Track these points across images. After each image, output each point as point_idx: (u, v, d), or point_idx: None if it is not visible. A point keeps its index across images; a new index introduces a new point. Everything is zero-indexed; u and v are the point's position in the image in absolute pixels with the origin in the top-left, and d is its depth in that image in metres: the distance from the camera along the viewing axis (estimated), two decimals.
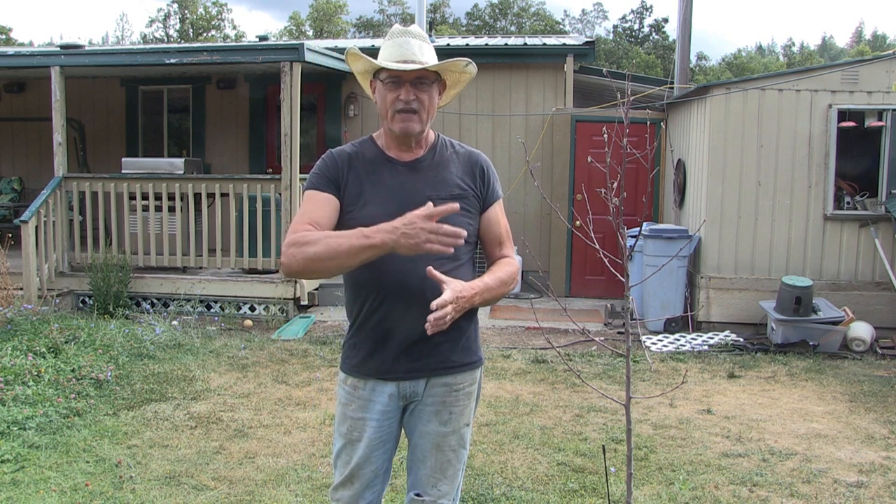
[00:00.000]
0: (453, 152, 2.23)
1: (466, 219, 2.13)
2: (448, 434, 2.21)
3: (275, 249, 7.72)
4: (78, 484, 3.70)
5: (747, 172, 7.31)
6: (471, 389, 2.25)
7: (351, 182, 2.15)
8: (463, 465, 2.29)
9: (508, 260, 2.21)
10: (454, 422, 2.22)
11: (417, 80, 2.10)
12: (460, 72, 2.20)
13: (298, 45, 7.48)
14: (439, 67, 2.14)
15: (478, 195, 2.19)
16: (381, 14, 49.49)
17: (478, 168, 2.21)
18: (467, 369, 2.22)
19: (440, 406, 2.19)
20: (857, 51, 48.65)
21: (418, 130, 2.12)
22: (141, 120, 10.70)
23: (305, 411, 4.87)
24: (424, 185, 2.13)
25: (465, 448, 2.27)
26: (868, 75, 7.19)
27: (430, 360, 2.15)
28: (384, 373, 2.15)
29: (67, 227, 8.02)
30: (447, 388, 2.19)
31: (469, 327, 2.21)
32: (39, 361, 5.35)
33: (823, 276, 7.27)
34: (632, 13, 50.84)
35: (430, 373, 2.16)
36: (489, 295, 2.10)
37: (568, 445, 4.32)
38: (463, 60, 2.18)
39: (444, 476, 2.24)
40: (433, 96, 2.15)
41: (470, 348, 2.23)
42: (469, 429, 2.28)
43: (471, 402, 2.27)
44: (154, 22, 49.02)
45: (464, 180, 2.18)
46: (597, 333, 7.28)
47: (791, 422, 4.84)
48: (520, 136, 9.38)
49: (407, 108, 2.09)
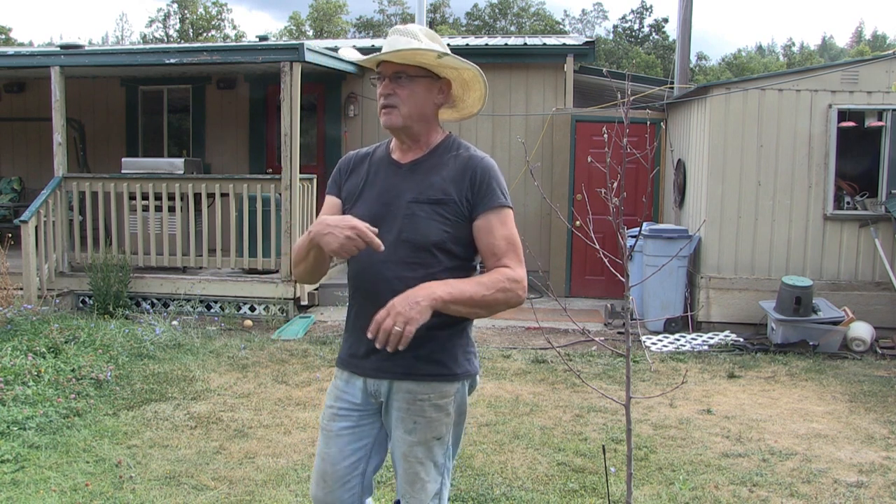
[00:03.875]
0: (453, 156, 2.14)
1: (442, 225, 2.05)
2: (413, 444, 2.12)
3: (275, 249, 7.72)
4: (78, 484, 3.70)
5: (747, 172, 7.31)
6: (441, 402, 2.11)
7: (351, 182, 2.22)
8: (438, 477, 2.15)
9: (501, 269, 2.04)
10: (419, 432, 2.11)
11: (395, 74, 2.09)
12: (436, 65, 2.10)
13: (298, 45, 7.48)
14: (401, 56, 2.05)
15: (462, 202, 2.07)
16: (381, 14, 49.53)
17: (469, 174, 2.09)
18: (434, 380, 2.10)
19: (405, 413, 2.12)
20: (857, 51, 48.66)
21: (399, 125, 2.10)
22: (141, 120, 10.70)
23: (305, 411, 4.88)
24: (411, 187, 2.11)
25: (433, 463, 2.13)
26: (868, 75, 7.20)
27: (394, 363, 2.09)
28: (355, 367, 2.19)
29: (67, 227, 8.02)
30: (411, 395, 2.11)
31: (441, 336, 2.09)
32: (39, 361, 5.35)
33: (823, 276, 7.27)
34: (632, 13, 50.88)
35: (392, 375, 2.12)
36: (460, 294, 1.96)
37: (568, 445, 4.32)
38: (434, 52, 2.03)
39: (412, 490, 2.14)
40: (416, 92, 2.10)
41: (440, 360, 2.10)
42: (441, 444, 2.14)
43: (442, 416, 2.12)
44: (154, 22, 49.08)
45: (449, 186, 2.08)
46: (597, 333, 7.28)
47: (791, 422, 4.84)
48: (520, 136, 9.38)
49: (385, 104, 2.10)
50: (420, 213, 2.06)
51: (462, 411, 2.20)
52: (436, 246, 2.04)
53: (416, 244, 2.05)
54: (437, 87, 2.15)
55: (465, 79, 2.19)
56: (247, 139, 10.35)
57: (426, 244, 2.04)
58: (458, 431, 2.22)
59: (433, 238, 2.05)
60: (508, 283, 2.02)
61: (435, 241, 2.05)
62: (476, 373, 2.23)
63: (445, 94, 2.17)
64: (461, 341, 2.15)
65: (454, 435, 2.20)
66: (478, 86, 2.22)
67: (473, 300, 1.98)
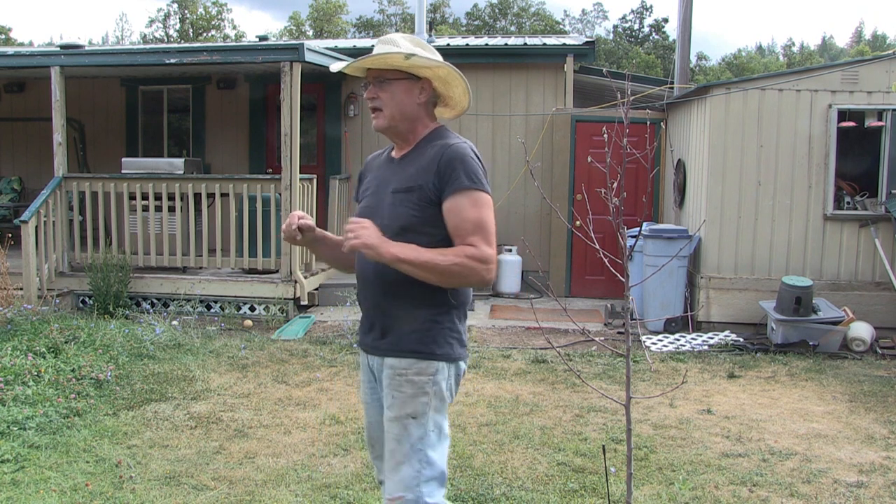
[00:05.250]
0: (431, 146, 2.27)
1: (411, 210, 2.21)
2: (390, 420, 2.25)
3: (275, 249, 7.72)
4: (78, 484, 3.70)
5: (747, 172, 7.31)
6: (416, 379, 2.22)
7: (365, 181, 2.47)
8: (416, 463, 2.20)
9: (465, 246, 2.15)
10: (395, 408, 2.24)
11: (377, 79, 2.28)
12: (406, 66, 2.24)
13: (298, 45, 7.48)
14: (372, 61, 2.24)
15: (430, 188, 2.20)
16: (381, 14, 49.49)
17: (437, 161, 2.21)
18: (414, 357, 2.24)
19: (388, 389, 2.28)
20: (857, 51, 48.64)
21: (383, 126, 2.30)
22: (141, 120, 10.70)
23: (305, 411, 4.88)
24: (394, 179, 2.30)
25: (408, 443, 2.20)
26: (868, 75, 7.19)
27: (384, 341, 2.30)
28: (362, 343, 2.43)
29: (67, 227, 8.02)
30: (392, 370, 2.27)
31: (422, 315, 2.24)
32: (39, 361, 5.35)
33: (823, 276, 7.27)
34: (632, 13, 50.84)
35: (382, 352, 2.31)
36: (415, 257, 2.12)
37: (568, 445, 4.32)
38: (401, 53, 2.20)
39: (390, 467, 2.24)
40: (396, 93, 2.26)
41: (421, 339, 2.23)
42: (417, 425, 2.21)
43: (419, 393, 2.22)
44: (154, 22, 49.02)
45: (421, 174, 2.23)
46: (597, 333, 7.28)
47: (791, 422, 4.84)
48: (520, 136, 9.38)
49: (372, 107, 2.31)
50: (397, 201, 2.25)
51: (441, 397, 2.27)
52: (406, 229, 2.20)
53: (391, 228, 2.21)
54: (417, 87, 2.29)
55: (442, 76, 2.31)
56: (247, 139, 10.35)
57: (397, 227, 2.21)
58: (438, 420, 2.26)
59: (402, 222, 2.21)
60: (468, 259, 2.14)
61: (404, 225, 2.21)
62: (460, 359, 2.31)
63: (428, 91, 2.31)
64: (445, 324, 2.27)
65: (435, 422, 2.24)
66: (457, 81, 2.34)
67: (427, 264, 2.12)
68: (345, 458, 4.12)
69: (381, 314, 2.30)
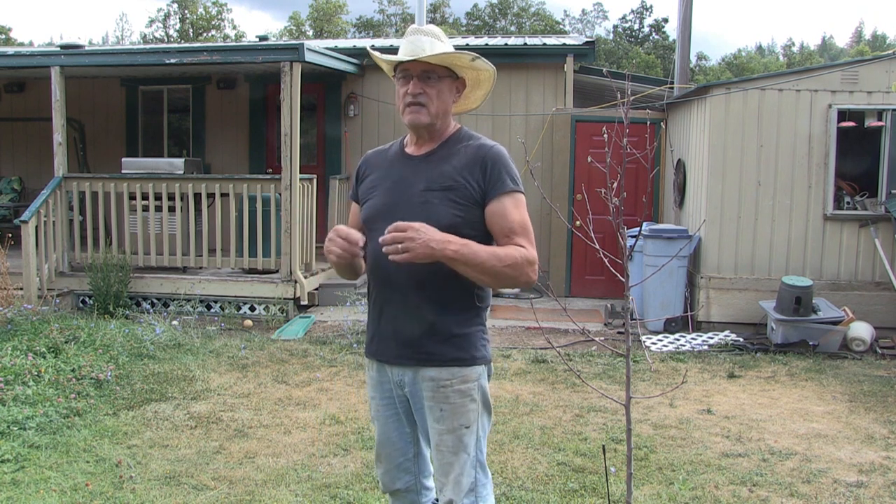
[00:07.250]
0: (464, 146, 2.23)
1: (452, 209, 2.14)
2: (443, 433, 2.19)
3: (275, 249, 7.72)
4: (78, 484, 3.70)
5: (747, 172, 7.31)
6: (463, 388, 2.18)
7: (368, 179, 2.34)
8: (471, 470, 2.20)
9: (517, 247, 2.11)
10: (447, 420, 2.18)
11: (424, 74, 2.19)
12: (469, 67, 2.24)
13: (298, 45, 7.48)
14: (439, 58, 2.17)
15: (475, 188, 2.15)
16: (381, 14, 49.50)
17: (480, 161, 2.17)
18: (457, 364, 2.18)
19: (432, 402, 2.20)
20: (856, 51, 48.64)
21: (426, 123, 2.21)
22: (141, 120, 10.70)
23: (305, 411, 4.88)
24: (423, 178, 2.21)
25: (466, 453, 2.19)
26: (868, 75, 7.20)
27: (413, 349, 2.19)
28: (380, 354, 2.28)
29: (67, 227, 8.02)
30: (434, 382, 2.18)
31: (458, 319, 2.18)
32: (39, 361, 5.35)
33: (823, 276, 7.27)
34: (632, 13, 50.83)
35: (415, 363, 2.20)
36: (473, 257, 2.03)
37: (568, 445, 4.32)
38: (468, 55, 2.19)
39: (447, 480, 2.19)
40: (443, 91, 2.21)
41: (459, 344, 2.18)
42: (470, 433, 2.20)
43: (468, 401, 2.19)
44: (154, 22, 48.99)
45: (461, 173, 2.17)
46: (597, 333, 7.28)
47: (791, 422, 4.84)
48: (520, 136, 9.38)
49: (414, 102, 2.19)
50: (433, 200, 2.16)
51: (486, 401, 2.26)
52: (448, 229, 2.08)
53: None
54: (455, 86, 2.28)
55: (481, 79, 2.33)
56: (247, 139, 10.35)
57: (438, 227, 2.07)
58: (485, 422, 2.26)
59: (444, 221, 2.11)
60: (522, 260, 2.10)
61: (447, 224, 2.10)
62: (491, 360, 2.31)
63: (461, 91, 2.31)
64: (478, 326, 2.23)
65: (482, 426, 2.25)
66: (487, 84, 2.36)
67: (483, 266, 2.05)
68: (345, 458, 4.12)
69: (410, 319, 2.18)
